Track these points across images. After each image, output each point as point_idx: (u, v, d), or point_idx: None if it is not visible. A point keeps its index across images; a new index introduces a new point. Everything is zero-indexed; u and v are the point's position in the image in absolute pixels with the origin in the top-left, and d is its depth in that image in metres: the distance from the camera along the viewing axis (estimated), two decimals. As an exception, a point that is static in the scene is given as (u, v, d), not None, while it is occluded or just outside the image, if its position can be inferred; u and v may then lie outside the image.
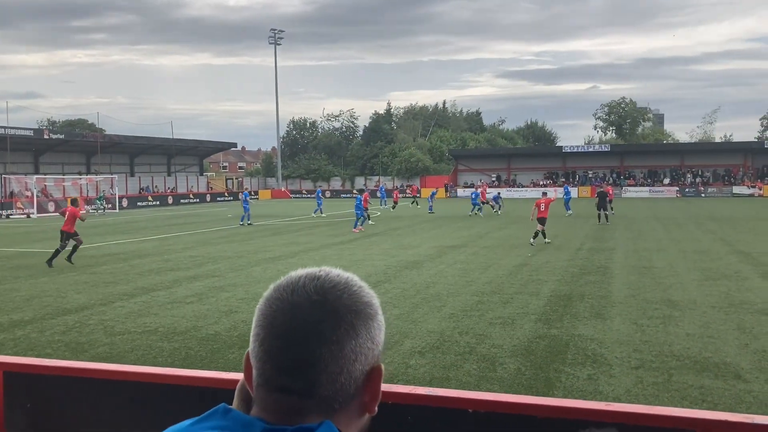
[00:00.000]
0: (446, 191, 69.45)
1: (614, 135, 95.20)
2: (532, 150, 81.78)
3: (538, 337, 9.30)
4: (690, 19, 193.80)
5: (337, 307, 0.96)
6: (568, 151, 72.04)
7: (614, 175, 70.27)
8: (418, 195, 53.59)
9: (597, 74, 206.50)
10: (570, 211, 36.46)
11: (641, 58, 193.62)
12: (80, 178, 55.11)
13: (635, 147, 76.97)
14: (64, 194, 52.51)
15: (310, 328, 0.94)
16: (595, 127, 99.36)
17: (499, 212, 39.41)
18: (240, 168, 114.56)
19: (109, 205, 53.09)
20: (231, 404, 1.04)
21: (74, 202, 19.28)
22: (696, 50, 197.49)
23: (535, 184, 69.43)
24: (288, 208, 46.81)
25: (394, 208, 43.90)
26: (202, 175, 76.75)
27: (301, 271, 1.01)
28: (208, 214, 44.16)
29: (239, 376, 1.12)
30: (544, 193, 27.25)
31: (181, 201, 63.01)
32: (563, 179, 70.89)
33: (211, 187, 74.50)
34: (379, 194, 51.89)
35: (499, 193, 45.31)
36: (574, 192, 65.55)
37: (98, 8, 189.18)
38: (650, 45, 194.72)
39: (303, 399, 0.95)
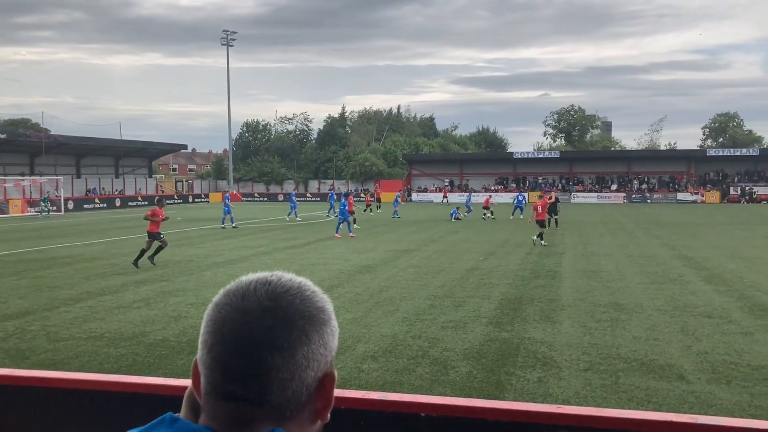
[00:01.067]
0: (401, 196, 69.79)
1: (563, 142, 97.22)
2: (483, 156, 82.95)
3: (490, 340, 9.40)
4: (638, 30, 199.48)
5: (289, 313, 0.93)
6: (519, 157, 73.27)
7: (563, 181, 71.70)
8: (377, 200, 51.69)
9: (548, 82, 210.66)
10: (514, 216, 37.45)
11: (591, 67, 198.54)
12: (24, 180, 53.39)
13: (584, 154, 78.75)
14: (5, 196, 50.84)
15: (261, 334, 0.91)
16: (545, 134, 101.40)
17: (466, 215, 40.12)
18: (190, 170, 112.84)
19: (54, 207, 51.61)
20: (179, 412, 1.01)
21: (159, 202, 20.39)
22: (643, 60, 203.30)
23: (487, 189, 70.32)
24: (240, 212, 46.23)
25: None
26: (151, 177, 75.27)
27: (252, 276, 0.99)
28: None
29: (188, 382, 1.09)
30: (541, 196, 27.95)
31: (130, 203, 61.67)
32: (513, 185, 72.02)
33: (162, 190, 73.16)
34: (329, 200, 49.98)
35: (469, 197, 46.14)
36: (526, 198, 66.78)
37: (44, 5, 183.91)
38: (600, 54, 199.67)
39: (253, 407, 0.92)
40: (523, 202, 39.63)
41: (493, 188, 70.75)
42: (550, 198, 27.97)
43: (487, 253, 20.33)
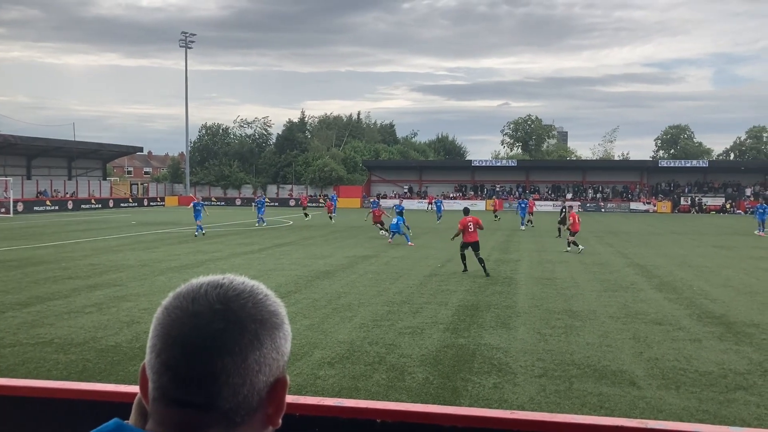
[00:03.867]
0: (363, 202, 69.79)
1: (520, 151, 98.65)
2: (443, 163, 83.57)
3: (446, 346, 9.45)
4: (596, 42, 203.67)
5: (241, 317, 0.92)
6: (477, 165, 74.07)
7: (520, 189, 72.71)
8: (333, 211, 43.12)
9: (509, 91, 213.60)
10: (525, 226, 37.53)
11: (549, 78, 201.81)
12: (-30, 180, 51.72)
13: (540, 163, 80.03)
14: (-49, 196, 49.14)
15: (212, 338, 0.90)
16: (502, 143, 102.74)
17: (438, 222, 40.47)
18: (146, 173, 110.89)
19: (2, 209, 50.09)
20: (127, 419, 0.98)
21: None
22: (599, 72, 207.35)
23: (446, 197, 70.79)
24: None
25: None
26: (105, 179, 73.64)
27: (203, 279, 0.97)
28: (111, 220, 42.39)
29: (137, 389, 1.07)
30: (570, 207, 27.83)
31: (83, 206, 60.24)
32: (471, 192, 72.74)
33: (124, 192, 71.67)
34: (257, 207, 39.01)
35: (439, 203, 46.23)
36: (481, 205, 67.42)
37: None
38: (558, 65, 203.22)
39: (202, 413, 0.90)
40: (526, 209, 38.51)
41: (451, 195, 71.25)
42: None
43: (445, 259, 20.46)
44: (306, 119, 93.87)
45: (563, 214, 30.87)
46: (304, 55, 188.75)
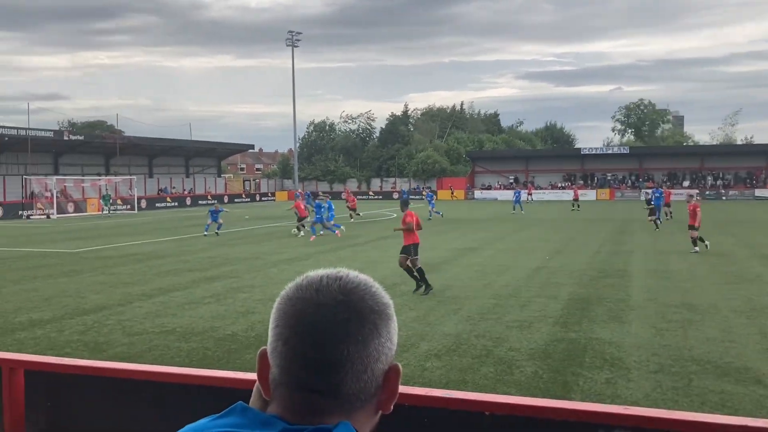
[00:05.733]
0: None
1: (633, 137, 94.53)
2: (550, 152, 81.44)
3: (556, 340, 9.24)
4: (715, 19, 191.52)
5: (362, 307, 0.97)
6: (587, 153, 71.66)
7: (633, 178, 69.76)
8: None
9: (620, 76, 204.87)
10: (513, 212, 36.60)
11: (663, 60, 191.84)
12: (99, 179, 55.64)
13: (654, 149, 76.41)
14: (83, 195, 53.09)
15: (338, 327, 0.95)
16: (613, 129, 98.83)
17: (520, 212, 39.41)
18: (257, 169, 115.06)
19: (127, 206, 53.58)
20: (248, 404, 1.04)
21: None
22: (720, 51, 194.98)
23: (554, 186, 69.08)
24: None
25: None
26: (219, 176, 77.19)
27: (320, 272, 1.02)
28: (225, 215, 44.40)
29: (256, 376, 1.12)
30: (691, 196, 23.12)
31: (199, 202, 63.37)
32: (581, 182, 70.52)
33: (238, 188, 74.89)
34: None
35: (518, 194, 45.01)
36: (592, 194, 65.21)
37: (120, 10, 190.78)
38: (673, 46, 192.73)
39: (327, 398, 0.96)
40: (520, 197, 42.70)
41: (560, 185, 69.42)
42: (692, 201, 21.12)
43: (554, 251, 19.98)
44: (409, 112, 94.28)
45: (651, 204, 28.90)
46: (407, 48, 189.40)
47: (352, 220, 35.31)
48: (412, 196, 69.42)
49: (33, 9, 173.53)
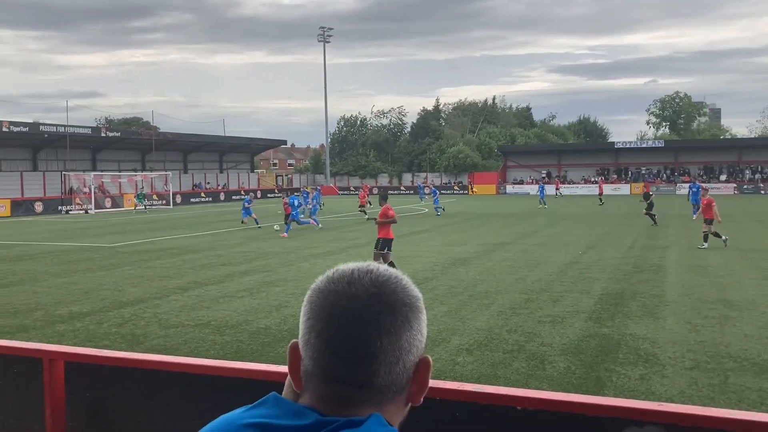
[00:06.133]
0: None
1: (668, 130, 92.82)
2: (583, 146, 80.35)
3: (589, 335, 9.15)
4: (754, 9, 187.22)
5: (393, 300, 0.98)
6: (621, 146, 70.58)
7: (668, 172, 68.57)
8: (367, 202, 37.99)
9: (655, 68, 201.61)
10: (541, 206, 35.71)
11: (701, 51, 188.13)
12: (136, 175, 56.59)
13: (690, 143, 74.91)
14: (120, 190, 54.04)
15: (371, 319, 0.96)
16: (648, 123, 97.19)
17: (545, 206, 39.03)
18: (289, 165, 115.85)
19: (163, 201, 54.36)
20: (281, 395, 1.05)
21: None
22: (759, 42, 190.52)
23: (587, 181, 68.25)
24: (336, 205, 47.12)
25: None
26: (252, 172, 77.96)
27: (350, 265, 1.04)
28: (258, 210, 44.81)
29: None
30: (705, 191, 21.40)
31: (233, 197, 64.09)
32: (615, 176, 69.53)
33: (271, 183, 75.53)
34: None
35: (542, 188, 44.40)
36: (626, 188, 64.30)
37: (155, 8, 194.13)
38: (710, 37, 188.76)
39: (360, 389, 0.97)
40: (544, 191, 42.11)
41: (593, 179, 68.54)
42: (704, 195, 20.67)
43: (587, 246, 19.76)
44: (440, 106, 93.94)
45: (651, 197, 27.87)
46: (438, 42, 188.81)
47: (366, 216, 34.28)
48: (443, 191, 69.38)
49: (72, 8, 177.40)
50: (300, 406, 0.98)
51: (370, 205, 39.50)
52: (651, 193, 29.49)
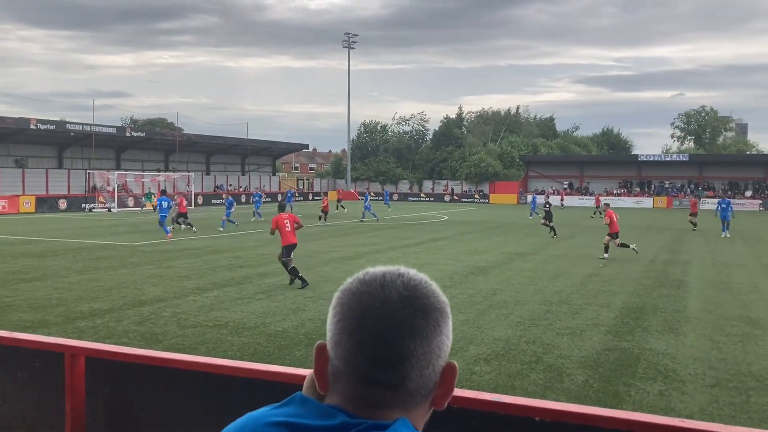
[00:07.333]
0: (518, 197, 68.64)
1: (693, 144, 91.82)
2: (606, 158, 79.60)
3: (608, 349, 9.06)
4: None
5: (426, 304, 0.99)
6: (644, 159, 69.87)
7: (692, 186, 67.78)
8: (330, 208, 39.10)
9: (681, 81, 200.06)
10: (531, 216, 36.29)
11: (729, 65, 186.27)
12: (159, 175, 57.15)
13: (715, 157, 73.94)
14: (143, 190, 54.60)
15: (404, 322, 0.96)
16: (672, 136, 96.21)
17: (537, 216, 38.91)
18: (311, 169, 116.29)
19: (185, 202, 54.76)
20: None
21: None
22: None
23: (609, 193, 67.68)
24: (356, 210, 47.16)
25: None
26: (274, 175, 78.33)
27: (381, 268, 1.04)
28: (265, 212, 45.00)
29: (306, 372, 1.14)
30: (607, 205, 22.25)
31: (254, 200, 64.42)
32: (637, 189, 68.88)
33: (291, 187, 75.90)
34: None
35: (534, 198, 44.34)
36: (648, 202, 63.70)
37: (184, 11, 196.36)
38: (739, 51, 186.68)
39: (390, 392, 0.97)
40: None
41: (615, 192, 67.97)
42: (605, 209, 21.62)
43: (609, 258, 19.58)
44: (463, 114, 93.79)
45: (599, 210, 27.13)
46: (463, 50, 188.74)
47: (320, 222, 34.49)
48: (464, 199, 69.01)
49: (101, 9, 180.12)
50: (327, 407, 0.98)
51: (344, 209, 43.98)
52: (601, 207, 28.74)
